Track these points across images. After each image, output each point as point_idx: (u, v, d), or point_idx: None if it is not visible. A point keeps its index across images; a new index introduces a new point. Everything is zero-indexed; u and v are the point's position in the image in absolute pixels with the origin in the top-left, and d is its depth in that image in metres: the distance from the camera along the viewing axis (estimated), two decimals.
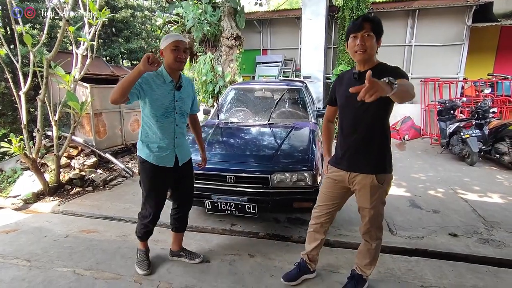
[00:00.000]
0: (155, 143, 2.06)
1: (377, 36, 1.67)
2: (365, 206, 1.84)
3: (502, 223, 3.04)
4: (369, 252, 1.97)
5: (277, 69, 8.98)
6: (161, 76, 2.00)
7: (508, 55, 8.06)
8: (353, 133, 1.79)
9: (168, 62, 1.98)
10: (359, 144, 1.78)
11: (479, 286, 2.14)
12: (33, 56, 3.51)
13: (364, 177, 1.78)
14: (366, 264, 2.00)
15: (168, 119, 2.04)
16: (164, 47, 1.95)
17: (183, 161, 2.20)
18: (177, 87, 2.06)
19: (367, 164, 1.77)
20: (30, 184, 3.86)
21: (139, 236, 2.32)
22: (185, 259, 2.43)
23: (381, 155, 1.78)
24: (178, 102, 2.07)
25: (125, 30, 7.19)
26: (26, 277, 2.23)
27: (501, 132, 4.93)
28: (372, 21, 1.66)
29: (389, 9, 7.97)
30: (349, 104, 1.76)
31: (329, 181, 1.95)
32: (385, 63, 1.76)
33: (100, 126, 4.84)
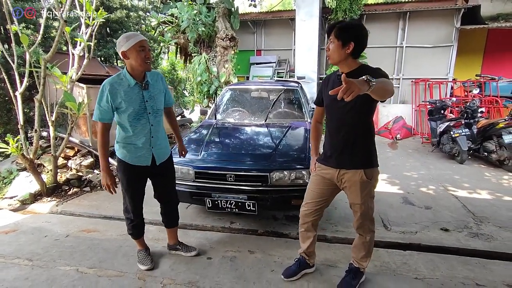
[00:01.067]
0: (131, 144, 2.06)
1: (344, 41, 1.69)
2: (356, 202, 1.91)
3: (490, 218, 3.17)
4: (364, 245, 2.04)
5: (271, 69, 9.07)
6: (125, 80, 1.95)
7: (495, 56, 8.32)
8: (339, 132, 1.86)
9: (135, 64, 1.90)
10: (346, 142, 1.85)
11: (469, 277, 2.24)
12: (29, 56, 3.51)
13: (353, 174, 1.85)
14: (362, 256, 2.07)
15: (141, 121, 2.02)
16: (128, 49, 1.85)
17: (160, 160, 2.20)
18: (143, 87, 2.00)
19: (355, 161, 1.85)
20: (27, 184, 3.85)
21: (130, 233, 2.35)
22: (181, 252, 2.51)
23: (367, 151, 1.87)
24: (148, 102, 2.02)
25: (119, 30, 7.18)
26: (29, 276, 2.25)
27: (489, 131, 5.10)
28: (336, 27, 1.71)
29: (381, 11, 8.13)
30: (334, 105, 1.82)
31: (318, 178, 2.01)
32: (368, 65, 1.83)
33: (96, 127, 4.83)
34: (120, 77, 1.96)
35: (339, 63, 1.77)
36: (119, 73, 2.00)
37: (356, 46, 1.70)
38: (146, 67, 1.94)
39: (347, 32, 1.69)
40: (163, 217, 2.46)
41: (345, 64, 1.76)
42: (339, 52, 1.72)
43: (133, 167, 2.10)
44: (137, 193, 2.22)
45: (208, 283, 2.17)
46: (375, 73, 1.65)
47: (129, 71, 1.96)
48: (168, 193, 2.38)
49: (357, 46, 1.70)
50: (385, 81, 1.50)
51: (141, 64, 1.90)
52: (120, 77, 1.96)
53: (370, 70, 1.73)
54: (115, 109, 1.96)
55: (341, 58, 1.74)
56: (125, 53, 1.89)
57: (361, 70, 1.74)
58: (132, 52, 1.87)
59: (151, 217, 3.19)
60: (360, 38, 1.71)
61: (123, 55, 1.91)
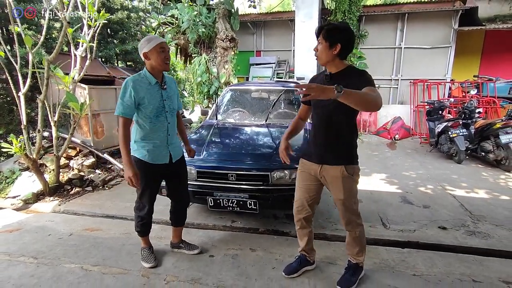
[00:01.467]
0: (150, 142, 2.14)
1: (331, 42, 1.76)
2: (339, 197, 1.95)
3: (487, 217, 3.23)
4: (356, 241, 2.09)
5: (270, 70, 9.12)
6: (145, 79, 2.07)
7: (492, 57, 8.39)
8: (323, 130, 1.93)
9: (155, 64, 2.03)
10: (329, 140, 1.92)
11: (466, 273, 2.29)
12: (32, 57, 3.55)
13: (335, 169, 1.91)
14: (357, 252, 2.12)
15: (160, 118, 2.13)
16: (149, 50, 1.99)
17: (176, 158, 2.29)
18: (162, 86, 2.14)
19: (336, 157, 1.91)
20: (30, 184, 3.89)
21: (138, 230, 2.39)
22: (184, 250, 2.56)
23: (348, 149, 1.94)
24: (166, 101, 2.16)
25: (120, 31, 7.22)
26: (34, 274, 2.29)
27: (486, 131, 5.16)
28: (324, 29, 1.78)
29: (380, 12, 8.20)
30: (320, 103, 1.89)
31: (304, 174, 2.08)
32: (354, 66, 1.91)
33: (98, 127, 4.88)
34: (141, 76, 2.08)
35: (326, 64, 1.85)
36: (139, 73, 2.11)
37: (343, 48, 1.77)
38: (165, 67, 2.07)
39: (335, 34, 1.76)
40: (172, 215, 2.50)
41: (333, 64, 1.83)
42: (327, 53, 1.79)
43: (152, 165, 2.16)
44: (154, 192, 2.29)
45: (211, 280, 2.22)
46: (359, 78, 1.76)
47: (150, 71, 2.08)
48: (180, 192, 2.44)
49: (344, 48, 1.77)
50: (363, 93, 1.57)
51: (160, 64, 2.03)
52: (141, 76, 2.08)
53: (355, 73, 1.81)
54: (137, 105, 2.05)
55: (328, 59, 1.81)
56: (146, 54, 2.02)
57: (347, 71, 1.83)
58: (153, 53, 2.00)
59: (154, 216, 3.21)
60: (347, 40, 1.78)
61: (145, 56, 2.04)
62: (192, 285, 2.16)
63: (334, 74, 1.85)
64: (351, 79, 1.75)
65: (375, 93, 1.64)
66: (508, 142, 4.69)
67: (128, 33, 7.44)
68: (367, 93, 1.61)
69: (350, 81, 1.72)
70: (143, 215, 2.31)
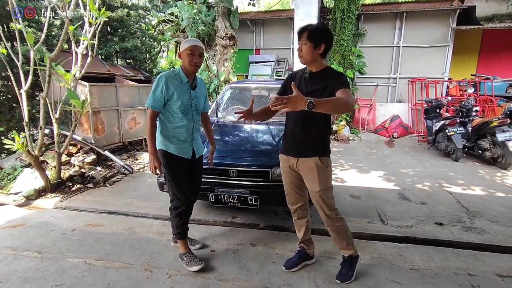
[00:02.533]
0: (175, 137, 2.22)
1: (315, 42, 1.85)
2: (316, 189, 2.00)
3: (483, 213, 3.29)
4: (339, 235, 2.13)
5: (270, 68, 9.15)
6: (178, 77, 2.19)
7: (489, 56, 8.47)
8: (298, 125, 2.02)
9: (184, 65, 2.17)
10: (305, 134, 2.01)
11: (462, 267, 2.35)
12: (33, 54, 3.56)
13: (310, 160, 1.99)
14: (346, 245, 2.15)
15: (187, 116, 2.23)
16: (182, 51, 2.14)
17: (199, 154, 2.38)
18: (192, 86, 2.24)
19: (311, 149, 2.01)
20: (31, 181, 3.91)
21: (177, 232, 2.34)
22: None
23: (323, 142, 2.05)
24: (194, 100, 2.26)
25: (120, 29, 7.22)
26: (39, 267, 2.33)
27: (483, 129, 5.23)
28: (308, 30, 1.86)
29: (378, 11, 8.25)
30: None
31: (285, 168, 2.18)
32: (332, 68, 2.01)
33: (98, 124, 4.90)
34: (174, 73, 2.19)
35: (310, 63, 1.95)
36: (174, 70, 2.23)
37: (326, 47, 1.88)
38: (191, 69, 2.17)
39: (319, 34, 1.86)
40: None
41: (315, 63, 1.94)
42: (312, 53, 1.88)
43: (177, 157, 2.23)
44: (185, 181, 2.30)
45: (213, 274, 2.26)
46: (336, 79, 1.86)
47: (182, 69, 2.20)
48: (197, 187, 2.47)
49: (326, 47, 1.89)
50: (334, 100, 1.69)
51: (186, 65, 2.15)
52: (174, 73, 2.19)
53: (332, 75, 1.91)
54: (167, 100, 2.15)
55: (312, 58, 1.90)
56: (180, 54, 2.18)
57: (326, 72, 1.95)
58: (183, 54, 2.14)
59: (155, 212, 3.30)
60: (329, 40, 1.90)
61: (179, 55, 2.20)
62: (194, 279, 2.21)
63: (314, 73, 1.96)
64: (329, 79, 1.87)
65: (347, 95, 1.74)
66: (504, 140, 4.76)
67: (128, 31, 7.43)
68: (338, 98, 1.71)
69: (327, 81, 1.87)
70: (180, 211, 2.28)
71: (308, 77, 1.97)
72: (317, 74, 1.95)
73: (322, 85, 1.89)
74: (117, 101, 5.25)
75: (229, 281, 2.19)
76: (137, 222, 3.14)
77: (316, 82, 1.93)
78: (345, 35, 7.66)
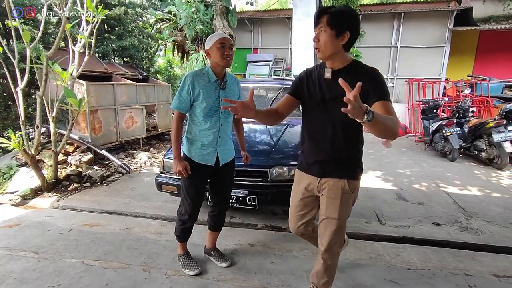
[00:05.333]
0: (199, 140, 2.07)
1: (338, 30, 1.40)
2: (333, 216, 1.61)
3: (479, 213, 3.32)
4: (327, 271, 1.74)
5: (268, 68, 9.15)
6: (206, 75, 2.02)
7: (486, 57, 8.53)
8: (326, 137, 1.58)
9: (215, 60, 1.97)
10: (333, 149, 1.59)
11: (459, 268, 2.37)
12: (29, 52, 3.53)
13: (336, 183, 1.60)
14: (323, 283, 1.77)
15: (213, 118, 2.04)
16: (210, 47, 1.96)
17: (224, 161, 2.16)
18: (222, 85, 2.04)
19: (340, 169, 1.60)
20: (28, 180, 3.88)
21: (177, 235, 2.29)
22: (213, 259, 2.41)
23: (354, 160, 1.63)
24: (222, 102, 2.01)
25: (117, 27, 7.18)
26: (36, 268, 2.31)
27: (479, 130, 5.27)
28: (329, 13, 1.42)
29: (376, 11, 8.27)
30: (324, 105, 1.55)
31: (298, 190, 1.78)
32: (360, 62, 1.55)
33: (95, 123, 4.87)
34: (202, 72, 2.03)
35: (329, 58, 1.49)
36: (202, 68, 2.08)
37: (351, 37, 1.43)
38: (224, 62, 1.98)
39: (342, 19, 1.41)
40: (211, 220, 2.35)
41: (337, 58, 1.49)
42: (333, 43, 1.43)
43: (196, 165, 2.07)
44: (199, 193, 2.16)
45: (211, 274, 2.26)
46: (370, 78, 1.42)
47: (212, 68, 2.03)
48: (223, 196, 2.30)
49: (351, 37, 1.44)
50: (389, 122, 1.26)
51: (219, 59, 1.96)
52: (202, 72, 2.03)
53: (362, 72, 1.46)
54: (193, 101, 2.01)
55: (334, 51, 1.45)
56: (208, 52, 2.00)
57: (353, 69, 1.49)
58: (213, 49, 1.95)
59: (153, 212, 3.29)
60: (355, 27, 1.45)
61: (207, 53, 2.02)
62: (193, 279, 2.20)
63: (337, 71, 1.49)
64: (358, 76, 1.33)
65: (393, 112, 1.35)
66: (500, 140, 4.80)
67: (125, 29, 7.39)
68: (392, 120, 1.30)
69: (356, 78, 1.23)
70: (185, 219, 2.19)
71: (329, 78, 1.50)
72: (340, 73, 1.44)
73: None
74: (114, 100, 5.22)
75: (228, 281, 2.19)
76: (135, 222, 3.13)
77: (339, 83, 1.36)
78: None
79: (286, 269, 2.33)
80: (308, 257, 2.49)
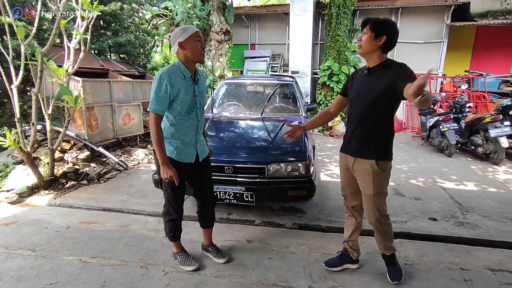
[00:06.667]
0: (179, 139, 2.04)
1: (377, 33, 1.78)
2: (367, 192, 1.96)
3: (475, 208, 3.34)
4: (385, 238, 2.08)
5: (265, 64, 9.11)
6: (180, 72, 1.94)
7: (483, 52, 8.53)
8: (360, 124, 1.93)
9: (191, 55, 1.91)
10: (365, 134, 1.93)
11: (455, 262, 2.39)
12: (24, 49, 3.49)
13: (366, 163, 1.92)
14: (388, 246, 2.11)
15: (191, 115, 2.02)
16: (185, 39, 1.87)
17: (203, 157, 2.19)
18: (196, 80, 2.02)
19: (369, 151, 1.92)
20: (24, 178, 3.86)
21: (170, 236, 2.27)
22: (210, 255, 2.42)
23: (384, 144, 1.95)
24: (198, 96, 2.04)
25: (113, 23, 7.10)
26: (33, 266, 2.30)
27: (476, 125, 5.29)
28: (372, 20, 1.82)
29: (374, 7, 8.24)
30: (360, 99, 1.91)
31: (342, 166, 2.15)
32: (392, 60, 1.88)
33: (92, 120, 4.84)
34: (175, 68, 1.93)
35: (367, 54, 1.86)
36: (173, 65, 1.96)
37: (387, 41, 1.79)
38: (202, 57, 1.96)
39: (381, 26, 1.79)
40: (199, 217, 2.37)
41: (373, 56, 1.85)
42: (371, 43, 1.81)
43: (179, 163, 2.05)
44: (182, 190, 2.17)
45: (209, 270, 2.26)
46: (396, 69, 1.77)
47: (184, 62, 1.94)
48: (205, 192, 2.31)
49: (388, 41, 1.79)
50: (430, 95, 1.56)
51: (198, 54, 1.91)
52: (175, 68, 1.93)
53: (395, 66, 1.81)
54: (171, 100, 1.92)
55: (371, 49, 1.82)
56: (182, 44, 1.88)
57: (386, 65, 1.84)
58: (189, 42, 1.88)
59: (150, 209, 3.29)
60: (392, 34, 1.81)
61: (180, 46, 1.89)
62: (191, 275, 2.21)
63: (372, 68, 1.87)
64: (390, 73, 1.77)
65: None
66: (496, 136, 4.82)
67: (121, 25, 7.32)
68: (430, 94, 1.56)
69: (388, 75, 1.76)
70: (173, 217, 2.19)
71: (367, 73, 1.89)
72: (375, 69, 1.86)
73: (381, 80, 1.80)
74: (110, 96, 5.18)
75: (225, 277, 2.20)
76: (132, 219, 3.13)
77: (374, 78, 1.84)
78: (340, 30, 7.64)
79: (284, 265, 2.34)
80: (306, 252, 2.51)
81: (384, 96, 1.79)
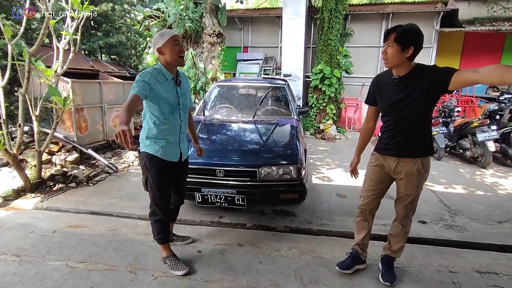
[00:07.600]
0: (163, 139, 2.09)
1: (404, 45, 1.74)
2: (410, 193, 2.02)
3: (464, 211, 3.40)
4: (404, 235, 2.19)
5: (257, 66, 9.13)
6: (161, 74, 2.01)
7: (471, 58, 8.72)
8: (402, 127, 1.93)
9: (170, 58, 1.98)
10: (406, 137, 1.93)
11: (443, 265, 2.42)
12: (11, 49, 3.42)
13: (413, 161, 1.94)
14: (399, 248, 2.21)
15: (174, 115, 2.09)
16: (163, 44, 1.95)
17: (185, 156, 2.28)
18: (178, 82, 2.09)
19: (416, 149, 1.95)
20: (10, 180, 3.77)
21: (158, 238, 2.25)
22: (177, 242, 2.59)
23: (425, 142, 1.97)
24: (181, 97, 2.12)
25: (104, 24, 7.02)
26: (17, 272, 2.24)
27: (464, 129, 5.39)
28: (396, 31, 1.76)
29: (365, 12, 8.35)
30: (397, 106, 1.89)
31: (376, 168, 2.14)
32: (422, 64, 1.86)
33: (81, 122, 4.77)
34: (157, 71, 2.00)
35: (395, 67, 1.85)
36: (155, 67, 2.03)
37: (415, 50, 1.76)
38: (179, 61, 2.01)
39: (407, 37, 1.74)
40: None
41: (402, 67, 1.83)
42: (399, 56, 1.77)
43: (165, 162, 2.11)
44: (168, 188, 2.22)
45: (199, 275, 2.24)
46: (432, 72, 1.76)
47: (165, 66, 2.02)
48: (183, 190, 2.43)
49: (415, 50, 1.76)
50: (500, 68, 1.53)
51: (175, 57, 1.97)
52: (157, 71, 2.00)
53: (426, 70, 1.80)
54: (153, 100, 1.94)
55: (399, 62, 1.80)
56: (161, 49, 1.97)
57: (417, 70, 1.82)
58: (167, 47, 1.95)
59: (140, 212, 3.24)
60: (419, 42, 1.76)
61: (159, 52, 1.98)
62: (180, 280, 2.18)
63: (403, 77, 1.85)
64: (421, 75, 1.77)
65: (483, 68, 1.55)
66: (484, 140, 4.91)
67: (113, 26, 7.25)
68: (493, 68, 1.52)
69: (423, 82, 1.76)
70: (160, 218, 2.19)
71: (398, 82, 1.86)
72: (406, 78, 1.83)
73: (416, 86, 1.78)
74: (101, 98, 5.12)
75: (216, 282, 2.17)
76: (121, 222, 3.07)
77: (407, 87, 1.82)
78: (332, 34, 7.71)
79: (275, 268, 2.33)
80: (297, 256, 2.50)
81: (425, 99, 1.79)
